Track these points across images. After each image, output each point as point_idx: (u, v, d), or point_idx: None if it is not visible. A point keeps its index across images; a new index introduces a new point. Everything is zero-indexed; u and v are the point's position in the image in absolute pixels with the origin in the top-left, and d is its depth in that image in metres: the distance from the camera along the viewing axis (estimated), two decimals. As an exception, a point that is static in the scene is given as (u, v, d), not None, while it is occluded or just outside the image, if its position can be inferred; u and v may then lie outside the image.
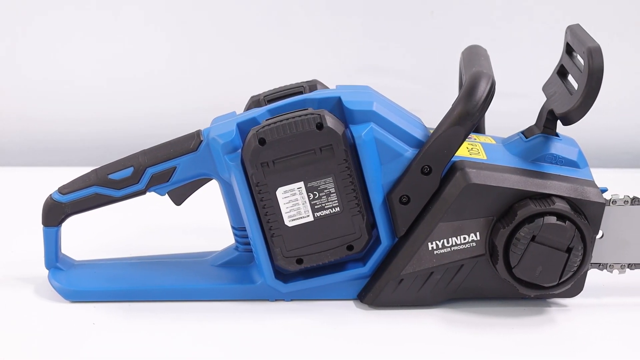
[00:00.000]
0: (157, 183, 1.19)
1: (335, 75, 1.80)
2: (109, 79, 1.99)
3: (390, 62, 1.95)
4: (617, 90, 1.94)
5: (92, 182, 1.20)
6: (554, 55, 1.28)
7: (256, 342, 1.12)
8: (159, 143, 1.21)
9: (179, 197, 1.22)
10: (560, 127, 1.18)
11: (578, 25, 1.21)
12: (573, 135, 1.26)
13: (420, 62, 1.95)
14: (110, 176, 1.20)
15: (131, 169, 1.19)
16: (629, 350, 1.11)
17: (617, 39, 1.92)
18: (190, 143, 1.18)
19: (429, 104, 1.63)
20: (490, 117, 1.30)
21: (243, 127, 1.15)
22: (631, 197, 1.20)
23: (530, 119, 1.23)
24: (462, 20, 1.92)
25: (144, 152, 1.20)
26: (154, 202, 1.28)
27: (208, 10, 1.94)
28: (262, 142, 1.11)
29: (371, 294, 1.19)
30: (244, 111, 1.22)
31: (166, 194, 1.21)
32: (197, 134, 1.19)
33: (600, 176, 1.27)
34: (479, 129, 1.30)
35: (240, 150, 1.14)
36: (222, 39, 1.96)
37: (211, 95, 1.95)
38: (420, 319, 1.17)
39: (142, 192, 1.20)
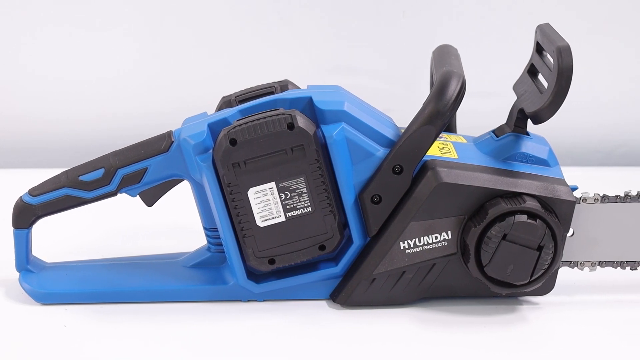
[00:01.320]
0: (128, 184, 1.19)
1: (307, 75, 1.80)
2: (79, 80, 1.98)
3: (362, 62, 1.95)
4: (588, 89, 1.96)
5: (63, 184, 1.19)
6: (525, 55, 1.29)
7: (228, 343, 1.11)
8: (130, 144, 1.20)
9: (150, 198, 1.21)
10: (531, 126, 1.18)
11: (548, 24, 1.21)
12: (544, 133, 1.27)
13: (392, 61, 1.95)
14: (81, 177, 1.19)
15: (102, 170, 1.18)
16: (600, 347, 1.11)
17: (587, 38, 1.93)
18: (162, 144, 1.18)
19: (401, 103, 1.63)
20: (462, 117, 1.30)
21: (214, 128, 1.15)
22: (601, 195, 1.20)
23: (501, 118, 1.24)
24: (433, 20, 1.92)
25: (114, 154, 1.20)
26: (126, 204, 1.27)
27: (179, 10, 1.93)
28: (233, 142, 1.11)
29: (343, 294, 1.19)
30: (215, 112, 1.22)
31: (137, 195, 1.20)
32: (168, 134, 1.18)
33: (571, 174, 1.28)
34: (450, 128, 1.30)
35: (211, 150, 1.13)
36: (194, 39, 1.95)
37: (182, 96, 1.95)
38: (393, 319, 1.17)
39: (113, 194, 1.20)
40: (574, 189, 1.18)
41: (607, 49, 1.96)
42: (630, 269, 1.23)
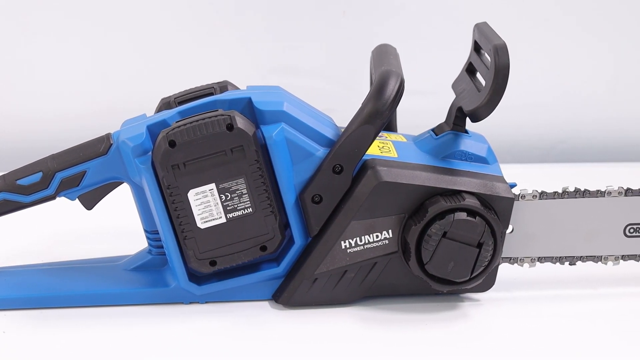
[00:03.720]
0: (67, 188, 1.18)
1: (247, 76, 1.80)
2: (15, 81, 1.95)
3: (303, 61, 1.95)
4: (527, 87, 1.98)
5: (0, 188, 1.18)
6: (463, 53, 1.29)
7: (170, 345, 1.11)
8: (68, 147, 1.19)
9: (89, 202, 1.20)
10: (471, 124, 1.19)
11: (485, 23, 1.22)
12: (484, 131, 1.28)
13: (333, 61, 1.95)
14: (19, 182, 1.17)
15: (40, 174, 1.17)
16: (540, 341, 1.12)
17: (526, 36, 1.95)
18: (100, 146, 1.17)
19: (342, 103, 1.64)
20: (402, 115, 1.31)
21: (153, 130, 1.14)
22: (539, 191, 1.22)
23: (441, 117, 1.25)
24: (373, 19, 1.93)
25: (53, 157, 1.18)
26: (65, 207, 1.26)
27: (118, 11, 1.91)
28: (172, 144, 1.10)
29: (286, 294, 1.19)
30: (155, 113, 1.21)
31: (77, 199, 1.19)
32: (107, 137, 1.18)
33: (511, 172, 1.29)
34: (391, 127, 1.31)
35: (150, 153, 1.13)
36: (132, 40, 1.94)
37: (121, 98, 1.93)
38: (335, 318, 1.18)
39: (52, 197, 1.18)
40: (513, 185, 1.20)
41: (547, 48, 1.98)
42: (569, 264, 1.25)
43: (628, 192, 1.22)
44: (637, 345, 1.12)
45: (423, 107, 1.70)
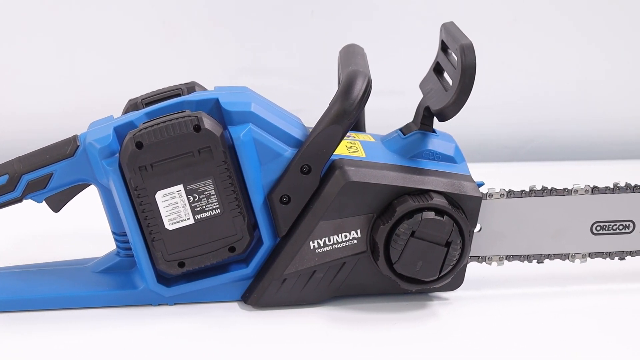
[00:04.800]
0: (33, 190, 1.17)
1: (216, 76, 1.79)
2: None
3: (272, 62, 1.95)
4: (496, 87, 1.99)
5: (-34, 191, 1.17)
6: (431, 53, 1.30)
7: (138, 348, 1.10)
8: (35, 149, 1.18)
9: (57, 204, 1.19)
10: (444, 124, 1.19)
11: (452, 22, 1.23)
12: (454, 131, 1.28)
13: (302, 61, 1.95)
14: (-15, 184, 1.17)
15: (6, 177, 1.16)
16: (508, 340, 1.13)
17: (493, 35, 1.96)
18: (67, 148, 1.16)
19: (311, 103, 1.63)
20: (370, 115, 1.31)
21: (120, 131, 1.13)
22: (507, 190, 1.22)
23: (409, 116, 1.25)
24: (342, 19, 1.93)
25: (19, 159, 1.18)
26: (31, 210, 1.25)
27: (85, 12, 1.90)
28: (139, 145, 1.10)
29: (255, 295, 1.19)
30: (122, 115, 1.21)
31: (43, 201, 1.19)
32: (74, 139, 1.17)
33: (481, 171, 1.30)
34: (359, 127, 1.31)
35: (117, 154, 1.12)
36: (100, 41, 1.92)
37: (88, 99, 1.92)
38: (305, 318, 1.18)
39: (18, 200, 1.18)
40: (480, 184, 1.20)
41: (515, 47, 1.99)
42: (537, 262, 1.25)
43: (595, 190, 1.23)
44: (604, 342, 1.12)
45: (391, 107, 1.70)
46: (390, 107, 1.71)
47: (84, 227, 1.44)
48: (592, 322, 1.17)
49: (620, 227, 1.25)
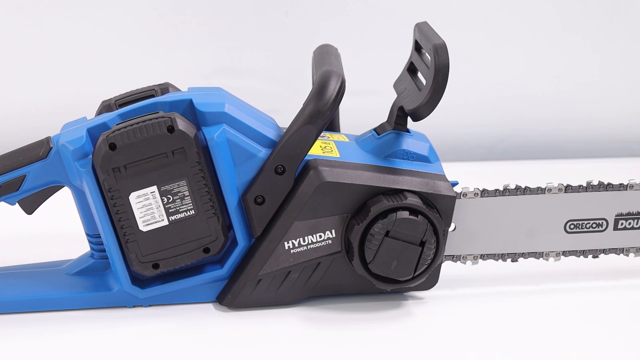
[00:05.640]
0: (6, 192, 1.16)
1: (191, 77, 1.79)
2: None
3: (246, 63, 1.95)
4: (470, 86, 1.99)
5: (-62, 194, 1.16)
6: (404, 53, 1.30)
7: (113, 350, 1.10)
8: (7, 151, 1.18)
9: (30, 206, 1.19)
10: (419, 123, 1.19)
11: (425, 22, 1.23)
12: (429, 131, 1.29)
13: (276, 62, 1.95)
14: (-43, 187, 1.16)
15: (-22, 179, 1.16)
16: (484, 338, 1.13)
17: (467, 35, 1.96)
18: (40, 150, 1.16)
19: (286, 103, 1.64)
20: (344, 115, 1.32)
21: (93, 133, 1.13)
22: (481, 189, 1.23)
23: (383, 116, 1.25)
24: (316, 19, 1.93)
25: (-9, 161, 1.17)
26: (4, 212, 1.24)
27: (57, 12, 1.89)
28: (112, 147, 1.09)
29: (230, 296, 1.19)
30: (95, 116, 1.20)
31: (16, 203, 1.18)
32: (47, 140, 1.16)
33: (455, 170, 1.31)
34: (334, 127, 1.31)
35: (91, 156, 1.12)
36: (72, 42, 1.91)
37: (61, 100, 1.91)
38: (280, 318, 1.18)
39: (-9, 202, 1.17)
40: (455, 184, 1.20)
41: (489, 47, 2.00)
42: (511, 260, 1.26)
43: (568, 188, 1.24)
44: (579, 339, 1.13)
45: (365, 107, 1.70)
46: (365, 107, 1.71)
47: (57, 229, 1.43)
48: (566, 319, 1.18)
49: (594, 225, 1.26)
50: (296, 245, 1.17)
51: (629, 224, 1.26)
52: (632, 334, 1.15)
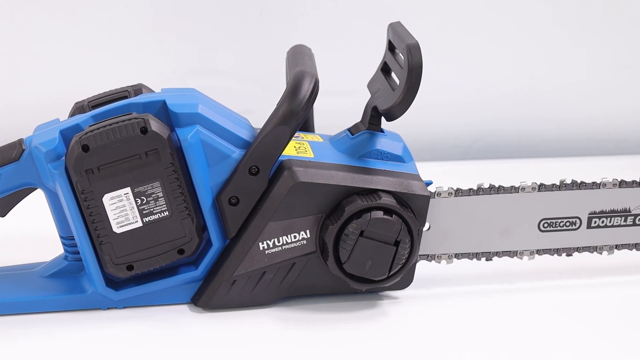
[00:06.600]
0: (-22, 195, 1.16)
1: (165, 78, 1.78)
2: None
3: (220, 63, 1.94)
4: (446, 86, 2.00)
5: None
6: (378, 53, 1.30)
7: (88, 352, 1.10)
8: (-21, 154, 1.17)
9: (2, 208, 1.18)
10: (397, 123, 1.19)
11: (399, 22, 1.23)
12: (404, 130, 1.29)
13: (251, 62, 1.95)
14: None
15: (-50, 181, 1.15)
16: (459, 337, 1.14)
17: (442, 35, 1.97)
18: (12, 152, 1.15)
19: (261, 104, 1.63)
20: (319, 116, 1.32)
21: (66, 134, 1.13)
22: (455, 188, 1.23)
23: (357, 116, 1.25)
24: (290, 20, 1.93)
25: (-37, 164, 1.16)
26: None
27: (30, 11, 1.88)
28: (85, 148, 1.09)
29: (205, 297, 1.19)
30: (68, 118, 1.20)
31: (-11, 206, 1.17)
32: (19, 142, 1.16)
33: (431, 169, 1.31)
34: (308, 127, 1.31)
35: (64, 157, 1.11)
36: (45, 43, 1.90)
37: (34, 102, 1.90)
38: (255, 319, 1.17)
39: (-37, 205, 1.17)
40: (429, 183, 1.21)
41: (464, 47, 2.00)
42: (486, 259, 1.26)
43: (542, 187, 1.25)
44: (553, 337, 1.13)
45: (340, 107, 1.71)
46: (339, 107, 1.71)
47: (31, 232, 1.42)
48: (541, 318, 1.19)
49: (567, 223, 1.26)
50: (271, 245, 1.17)
51: (602, 222, 1.27)
52: (606, 330, 1.16)
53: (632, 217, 1.27)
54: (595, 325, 1.17)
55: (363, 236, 1.14)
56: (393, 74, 1.24)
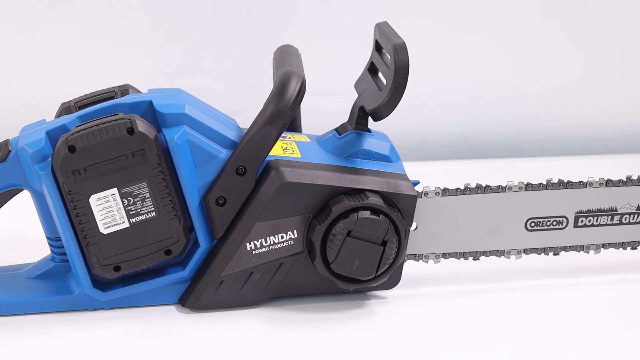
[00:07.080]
0: (-36, 196, 1.15)
1: (152, 79, 1.78)
2: None
3: (207, 64, 1.94)
4: (433, 86, 2.00)
5: None
6: (366, 53, 1.30)
7: (75, 354, 1.09)
8: (-34, 155, 1.17)
9: (-11, 210, 1.18)
10: (383, 123, 1.19)
11: (385, 22, 1.23)
12: (391, 130, 1.29)
13: (238, 62, 1.95)
14: None
15: (-64, 183, 1.15)
16: (447, 337, 1.14)
17: (428, 35, 1.97)
18: (-2, 153, 1.15)
19: (248, 104, 1.63)
20: (305, 116, 1.31)
21: (53, 135, 1.12)
22: (442, 188, 1.23)
23: (344, 116, 1.25)
24: (278, 20, 1.93)
25: (-51, 165, 1.16)
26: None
27: (16, 12, 1.87)
28: (72, 149, 1.09)
29: (192, 298, 1.18)
30: (55, 118, 1.19)
31: (-25, 207, 1.17)
32: (5, 143, 1.15)
33: (418, 169, 1.31)
34: (295, 127, 1.31)
35: (50, 158, 1.11)
36: (31, 43, 1.90)
37: (20, 103, 1.89)
38: (243, 320, 1.17)
39: (-51, 206, 1.16)
40: (416, 183, 1.21)
41: (449, 47, 2.01)
42: (473, 259, 1.27)
43: (528, 186, 1.25)
44: (540, 338, 1.14)
45: (327, 107, 1.70)
46: (326, 107, 1.71)
47: (17, 233, 1.42)
48: (528, 317, 1.19)
49: (554, 222, 1.27)
50: (258, 246, 1.16)
51: (589, 221, 1.27)
52: (593, 328, 1.16)
53: (619, 216, 1.28)
54: (582, 324, 1.17)
55: (350, 236, 1.14)
56: (380, 74, 1.24)
